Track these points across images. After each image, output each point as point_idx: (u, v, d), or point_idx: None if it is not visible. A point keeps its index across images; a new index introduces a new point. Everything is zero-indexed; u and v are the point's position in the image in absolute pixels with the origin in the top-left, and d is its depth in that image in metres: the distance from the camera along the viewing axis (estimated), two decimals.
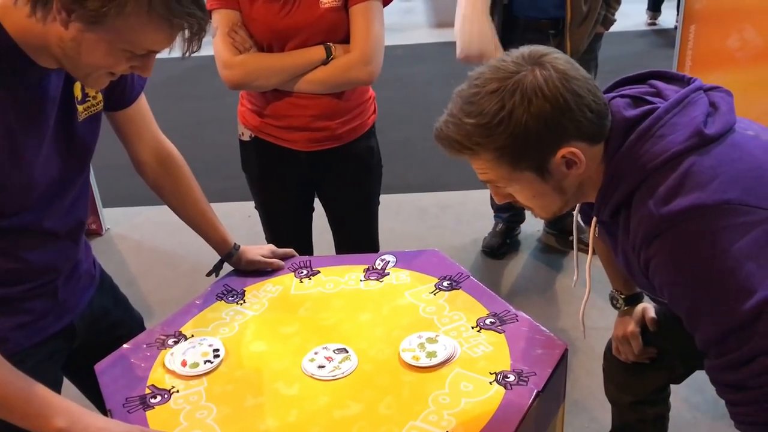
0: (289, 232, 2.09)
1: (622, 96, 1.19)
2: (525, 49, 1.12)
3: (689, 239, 1.04)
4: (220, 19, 1.79)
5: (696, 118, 1.10)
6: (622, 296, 1.63)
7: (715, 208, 1.03)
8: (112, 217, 3.66)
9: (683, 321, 1.13)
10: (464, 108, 1.10)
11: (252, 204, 2.16)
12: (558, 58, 1.10)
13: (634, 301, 1.62)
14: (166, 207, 1.59)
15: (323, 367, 1.29)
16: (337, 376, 1.27)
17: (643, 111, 1.13)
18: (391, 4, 1.87)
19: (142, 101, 1.45)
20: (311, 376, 1.28)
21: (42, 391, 1.12)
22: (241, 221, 2.93)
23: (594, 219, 1.26)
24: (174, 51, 1.11)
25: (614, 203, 1.15)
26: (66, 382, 1.46)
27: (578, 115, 1.08)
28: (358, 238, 2.15)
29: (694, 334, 1.12)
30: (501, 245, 3.12)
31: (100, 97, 1.31)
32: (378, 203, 2.15)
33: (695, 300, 1.08)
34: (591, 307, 2.75)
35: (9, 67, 1.09)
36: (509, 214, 3.11)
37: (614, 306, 1.66)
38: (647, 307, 1.60)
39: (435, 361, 1.28)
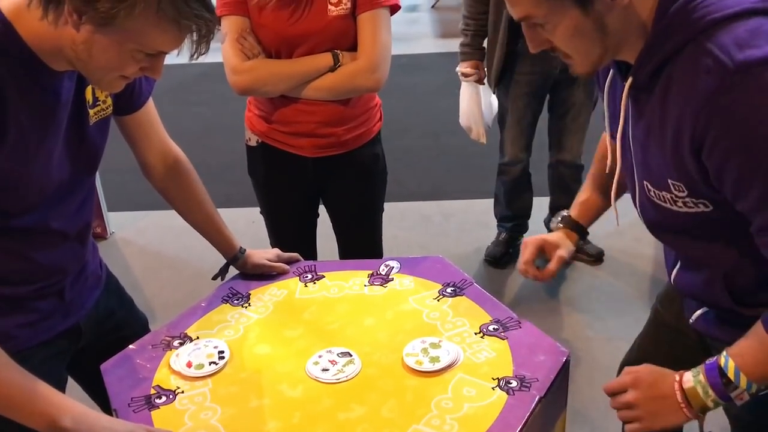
0: (293, 237, 2.11)
1: None
2: None
3: None
4: (229, 26, 1.81)
5: None
6: (568, 218, 1.51)
7: None
8: (116, 221, 3.67)
9: (748, 206, 1.01)
10: None
11: (256, 210, 2.18)
12: None
13: (576, 229, 1.51)
14: (170, 211, 1.60)
15: (327, 370, 1.30)
16: (340, 379, 1.28)
17: None
18: (396, 15, 1.89)
19: (150, 105, 1.46)
20: (315, 379, 1.28)
21: (47, 390, 1.13)
22: (246, 226, 2.94)
23: (628, 81, 1.11)
24: (183, 54, 1.13)
25: (663, 55, 1.03)
26: (70, 382, 1.47)
27: None
28: (362, 244, 2.16)
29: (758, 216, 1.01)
30: (504, 254, 3.13)
31: (109, 101, 1.33)
32: (382, 210, 2.16)
33: None
34: (593, 318, 2.77)
35: (23, 71, 1.11)
36: (512, 224, 3.12)
37: (552, 221, 1.56)
38: (563, 248, 1.50)
39: (438, 366, 1.29)
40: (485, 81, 2.81)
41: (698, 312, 1.32)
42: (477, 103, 2.80)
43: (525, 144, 2.90)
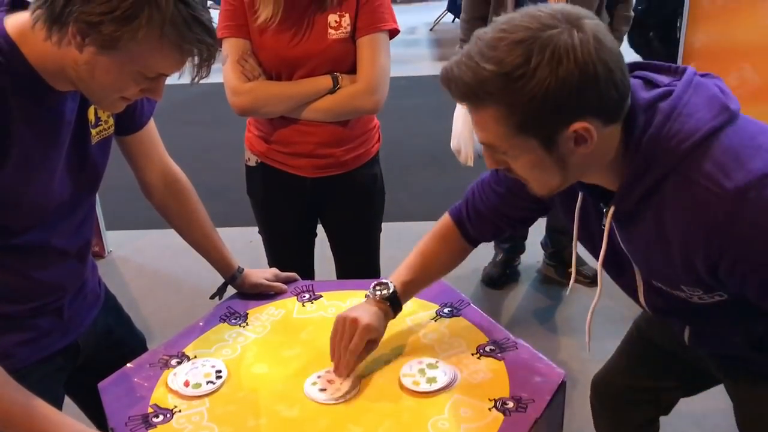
0: (291, 257, 2.11)
1: (634, 77, 1.10)
2: (562, 6, 1.00)
3: None
4: (230, 48, 1.84)
5: (715, 96, 1.05)
6: (391, 290, 1.40)
7: None
8: (114, 240, 3.68)
9: None
10: (484, 52, 0.98)
11: (254, 229, 2.18)
12: (598, 24, 0.99)
13: (394, 306, 1.40)
14: (168, 230, 1.61)
15: (324, 390, 1.30)
16: (338, 400, 1.28)
17: (659, 93, 1.06)
18: (395, 37, 1.91)
19: (152, 126, 1.48)
20: (313, 400, 1.29)
21: (46, 408, 1.13)
22: (243, 246, 2.94)
23: (611, 211, 1.12)
24: (184, 76, 1.15)
25: (644, 188, 1.05)
26: (66, 401, 1.47)
27: (603, 90, 0.98)
28: (359, 264, 2.17)
29: None
30: (501, 275, 3.14)
31: (111, 121, 1.34)
32: (380, 230, 2.17)
33: None
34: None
35: (26, 91, 1.13)
36: (509, 245, 3.13)
37: (374, 290, 1.40)
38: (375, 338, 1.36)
39: (435, 386, 1.29)
40: None
41: (687, 332, 1.33)
42: (468, 126, 2.81)
43: None
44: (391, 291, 1.39)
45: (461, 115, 2.82)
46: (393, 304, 1.40)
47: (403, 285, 1.42)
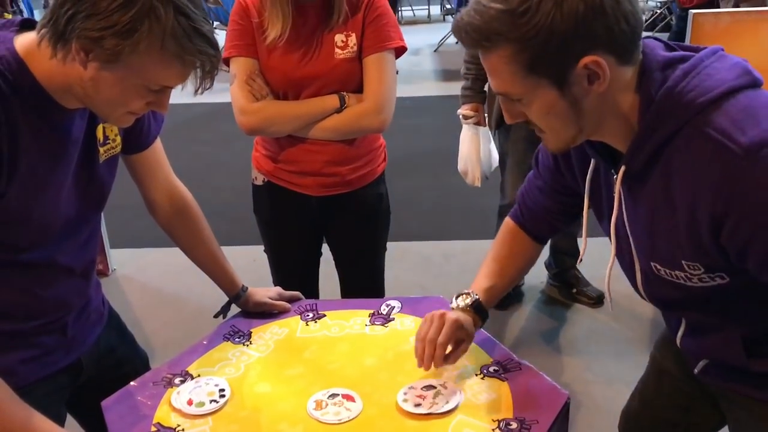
0: (296, 275, 2.11)
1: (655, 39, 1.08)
2: None
3: None
4: (238, 67, 1.85)
5: (739, 63, 1.03)
6: (474, 298, 1.41)
7: None
8: (118, 258, 3.68)
9: None
10: None
11: (258, 248, 2.19)
12: None
13: (480, 314, 1.42)
14: (172, 249, 1.61)
15: (327, 410, 1.30)
16: (342, 420, 1.28)
17: (680, 54, 1.04)
18: (400, 58, 1.92)
19: (158, 145, 1.49)
20: (316, 420, 1.28)
21: (46, 424, 1.13)
22: (247, 264, 2.93)
23: (621, 170, 1.10)
24: (190, 92, 1.16)
25: (657, 142, 1.03)
26: (68, 419, 1.47)
27: (612, 22, 0.96)
28: (363, 283, 2.17)
29: None
30: (504, 296, 3.12)
31: (119, 139, 1.35)
32: (385, 249, 2.17)
33: None
34: (593, 360, 2.76)
35: (34, 109, 1.14)
36: None
37: (456, 300, 1.42)
38: (468, 341, 1.39)
39: (437, 409, 1.28)
40: (485, 124, 2.84)
41: (701, 364, 1.31)
42: (476, 147, 2.82)
43: None
44: (474, 299, 1.41)
45: (468, 137, 2.83)
46: (478, 311, 1.41)
47: (484, 292, 1.43)
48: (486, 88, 2.79)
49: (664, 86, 1.02)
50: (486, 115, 2.82)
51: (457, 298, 1.42)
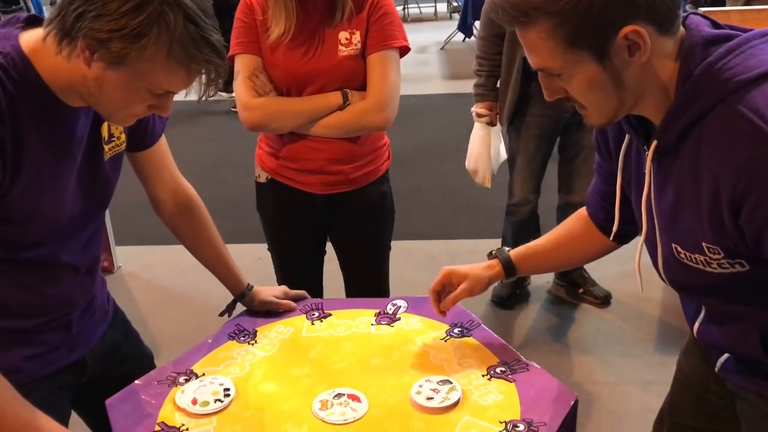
0: (300, 274, 2.11)
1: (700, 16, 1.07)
2: None
3: None
4: (242, 64, 1.85)
5: None
6: (505, 253, 1.46)
7: None
8: (124, 256, 3.69)
9: None
10: None
11: (263, 246, 2.18)
12: None
13: (509, 272, 1.46)
14: (177, 246, 1.61)
15: (333, 411, 1.29)
16: (347, 420, 1.27)
17: (726, 33, 1.03)
18: (406, 56, 1.91)
19: (163, 142, 1.48)
20: (321, 420, 1.27)
21: (50, 424, 1.12)
22: (252, 263, 2.93)
23: (653, 144, 1.09)
24: (191, 93, 1.15)
25: (691, 117, 1.01)
26: (73, 416, 1.46)
27: None
28: (368, 282, 2.16)
29: None
30: (510, 295, 3.12)
31: (124, 137, 1.35)
32: (389, 248, 2.16)
33: None
34: (600, 361, 2.75)
35: (39, 106, 1.13)
36: None
37: (490, 255, 1.49)
38: (468, 282, 1.47)
39: (448, 402, 1.28)
40: (498, 122, 2.82)
41: (722, 359, 1.29)
42: (486, 146, 2.81)
43: (534, 186, 2.91)
44: (504, 252, 1.46)
45: (479, 136, 2.81)
46: (506, 267, 1.45)
47: (522, 250, 1.47)
48: (498, 85, 2.77)
49: (705, 61, 1.00)
50: (498, 111, 2.80)
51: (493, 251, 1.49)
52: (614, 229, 1.31)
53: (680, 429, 1.50)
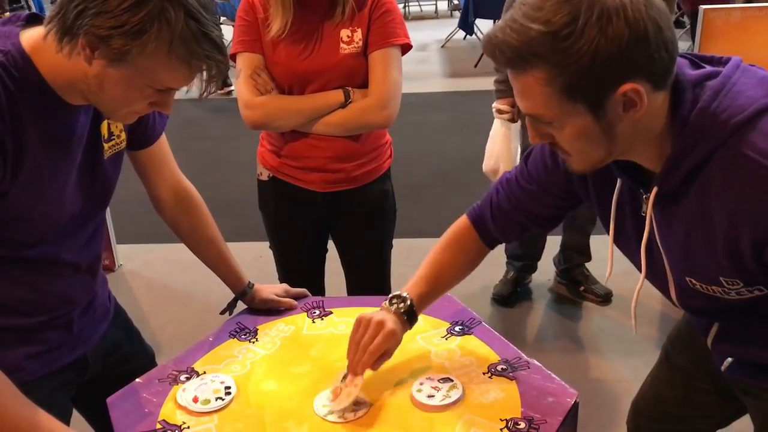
0: (302, 272, 2.11)
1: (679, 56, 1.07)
2: None
3: None
4: (243, 62, 1.85)
5: (764, 78, 1.03)
6: (409, 305, 1.38)
7: None
8: (125, 254, 3.69)
9: None
10: (529, 13, 0.95)
11: (264, 244, 2.18)
12: None
13: (410, 319, 1.38)
14: (178, 244, 1.61)
15: (332, 409, 1.29)
16: (348, 418, 1.27)
17: (707, 72, 1.04)
18: (407, 54, 1.91)
19: (163, 141, 1.48)
20: (323, 418, 1.27)
21: (51, 422, 1.12)
22: (253, 261, 2.94)
23: (654, 190, 1.09)
24: (192, 91, 1.15)
25: (692, 162, 1.02)
26: (74, 415, 1.46)
27: (653, 50, 0.94)
28: (370, 279, 2.16)
29: None
30: (511, 293, 3.12)
31: (124, 135, 1.35)
32: (391, 246, 2.17)
33: None
34: (601, 359, 2.75)
35: (39, 104, 1.13)
36: (522, 263, 3.12)
37: (390, 301, 1.38)
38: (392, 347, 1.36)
39: (449, 400, 1.28)
40: (518, 119, 2.72)
41: (728, 361, 1.29)
42: (508, 144, 2.70)
43: None
44: (408, 304, 1.37)
45: (501, 134, 2.71)
46: (410, 317, 1.38)
47: (418, 297, 1.40)
48: None
49: (696, 107, 1.01)
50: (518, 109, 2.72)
51: (391, 300, 1.38)
52: (608, 272, 1.32)
53: (660, 414, 1.51)
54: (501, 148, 2.72)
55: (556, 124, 1.02)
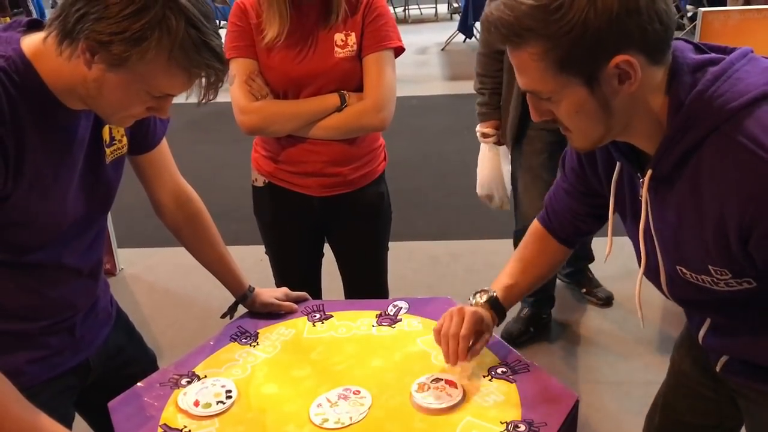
0: (298, 277, 2.10)
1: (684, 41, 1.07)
2: None
3: None
4: (238, 68, 1.85)
5: None
6: (491, 294, 1.43)
7: None
8: (126, 258, 3.69)
9: None
10: None
11: (264, 248, 2.19)
12: None
13: (498, 311, 1.43)
14: (179, 248, 1.61)
15: (328, 417, 1.29)
16: (345, 423, 1.27)
17: (710, 57, 1.03)
18: (407, 57, 1.92)
19: (164, 145, 1.49)
20: (319, 426, 1.26)
21: (53, 426, 1.13)
22: (253, 265, 2.94)
23: (649, 173, 1.09)
24: (192, 96, 1.16)
25: (686, 146, 1.02)
26: (77, 419, 1.47)
27: (646, 21, 0.95)
28: (367, 282, 2.17)
29: None
30: (522, 333, 2.88)
31: (125, 140, 1.35)
32: (387, 248, 2.17)
33: None
34: (601, 362, 2.75)
35: (41, 111, 1.14)
36: (534, 298, 2.85)
37: (473, 296, 1.44)
38: (488, 332, 1.41)
39: (448, 403, 1.28)
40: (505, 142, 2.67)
41: (723, 360, 1.29)
42: (497, 168, 2.67)
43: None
44: (491, 295, 1.42)
45: (488, 158, 2.68)
46: (495, 308, 1.41)
47: (504, 290, 1.43)
48: (501, 103, 2.62)
49: (694, 90, 1.01)
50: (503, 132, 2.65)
51: (474, 295, 1.43)
52: (607, 251, 1.31)
53: (673, 424, 1.51)
54: (491, 174, 2.69)
55: (553, 98, 1.04)
